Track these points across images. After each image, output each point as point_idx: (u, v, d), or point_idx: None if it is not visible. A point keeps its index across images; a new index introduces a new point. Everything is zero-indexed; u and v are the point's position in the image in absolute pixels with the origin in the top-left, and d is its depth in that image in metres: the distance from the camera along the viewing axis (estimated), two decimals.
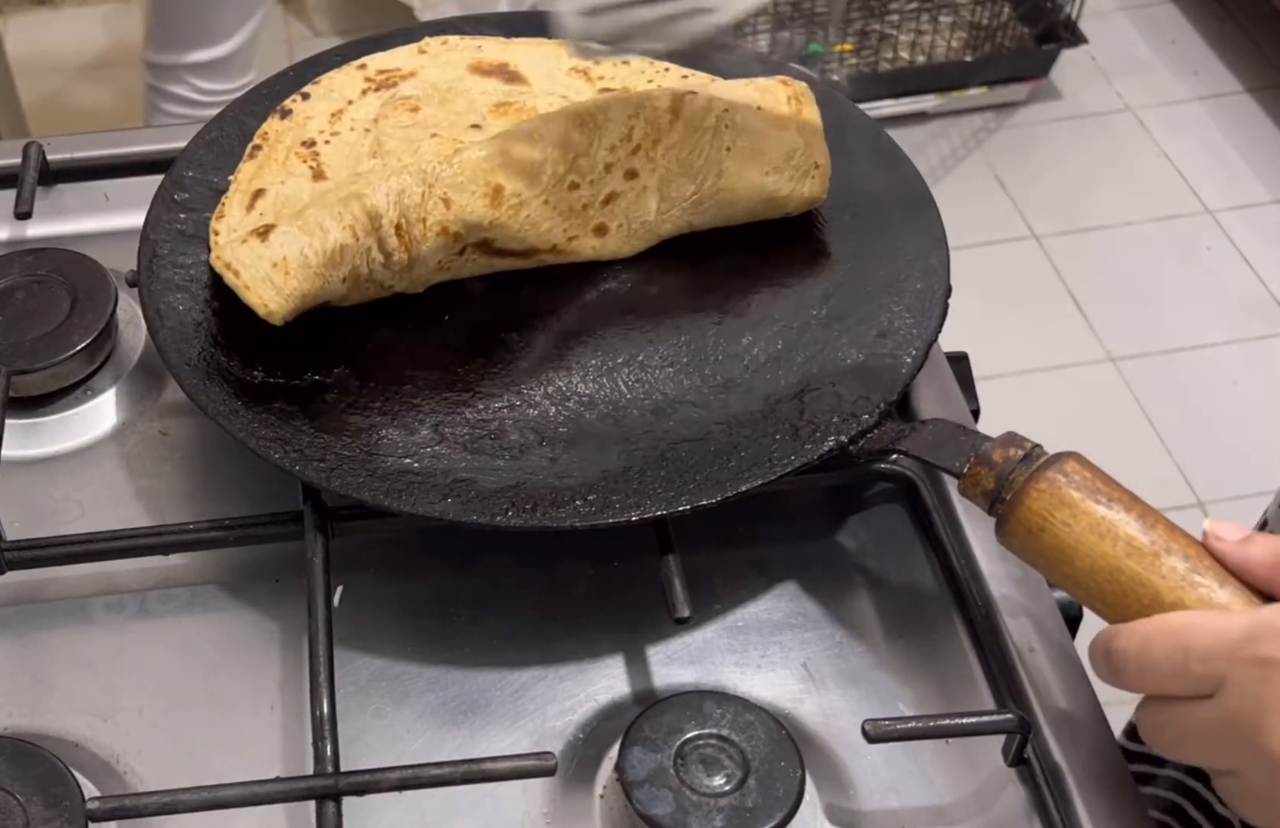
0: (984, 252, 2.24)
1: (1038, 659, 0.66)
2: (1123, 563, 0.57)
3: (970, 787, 0.64)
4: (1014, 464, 0.62)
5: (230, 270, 0.71)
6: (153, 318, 0.73)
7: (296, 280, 0.70)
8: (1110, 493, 0.59)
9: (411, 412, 0.71)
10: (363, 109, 0.82)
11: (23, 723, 0.66)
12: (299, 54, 0.87)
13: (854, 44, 2.43)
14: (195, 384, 0.70)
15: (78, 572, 0.71)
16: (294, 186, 0.77)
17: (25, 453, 0.76)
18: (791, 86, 0.83)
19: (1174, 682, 0.54)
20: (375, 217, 0.72)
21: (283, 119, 0.82)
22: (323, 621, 0.65)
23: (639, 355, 0.74)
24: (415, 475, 0.67)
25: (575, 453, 0.69)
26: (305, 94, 0.84)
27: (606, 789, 0.63)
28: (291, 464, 0.67)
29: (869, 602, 0.71)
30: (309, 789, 0.60)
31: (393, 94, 0.83)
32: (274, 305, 0.70)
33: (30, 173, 0.87)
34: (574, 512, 0.66)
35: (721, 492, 0.67)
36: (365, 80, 0.85)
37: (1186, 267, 2.25)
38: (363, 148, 0.80)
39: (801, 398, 0.71)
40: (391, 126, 0.80)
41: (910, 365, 0.73)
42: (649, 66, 0.87)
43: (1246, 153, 2.41)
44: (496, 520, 0.65)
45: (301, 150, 0.79)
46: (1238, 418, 2.01)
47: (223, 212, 0.76)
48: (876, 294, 0.77)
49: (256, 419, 0.69)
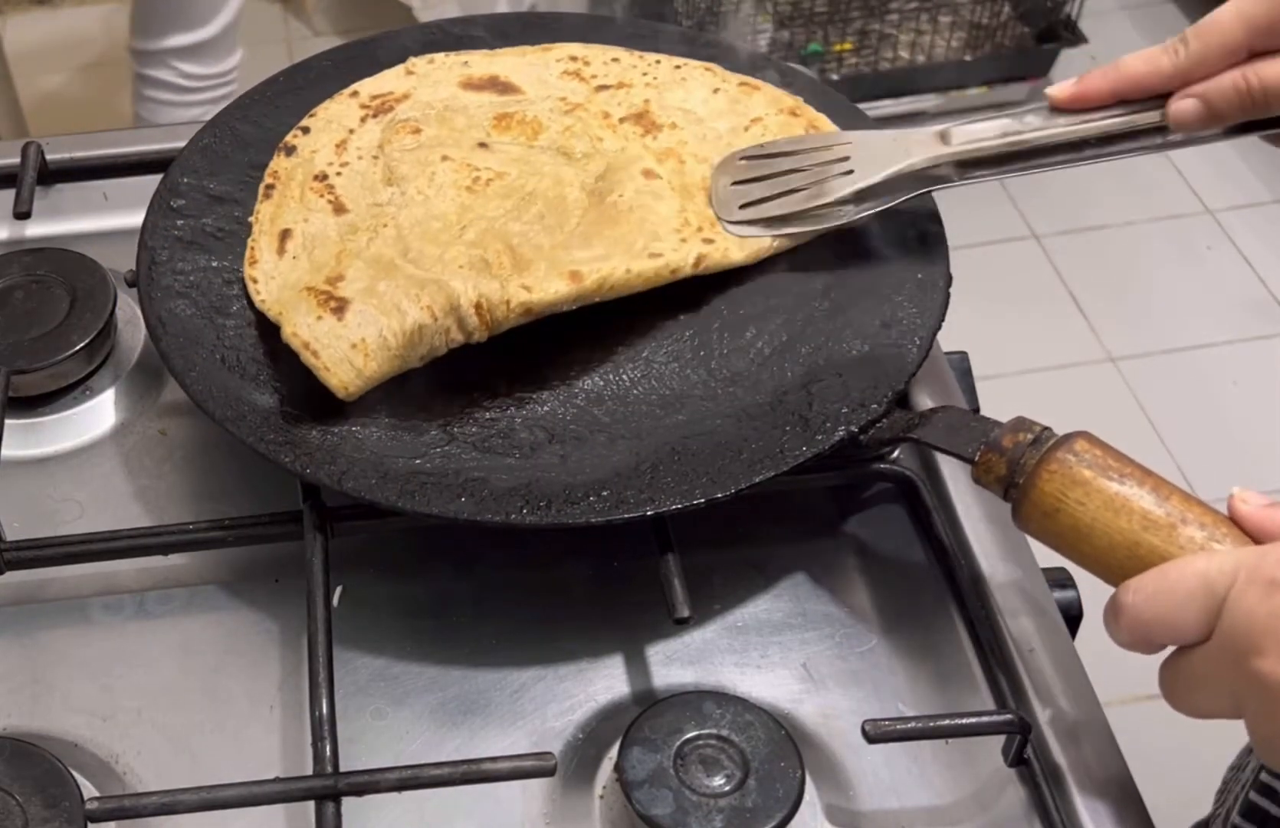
0: (984, 252, 2.24)
1: (1038, 659, 0.66)
2: (1140, 537, 0.57)
3: (970, 787, 0.64)
4: (1024, 448, 0.61)
5: (309, 351, 0.69)
6: (155, 326, 0.73)
7: (376, 362, 0.69)
8: (1122, 468, 0.59)
9: (420, 412, 0.71)
10: (365, 137, 0.83)
11: (22, 723, 0.65)
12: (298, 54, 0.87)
13: (854, 44, 2.43)
14: (202, 391, 0.70)
15: (77, 572, 0.71)
16: (318, 223, 0.77)
17: (24, 453, 0.76)
18: (804, 114, 0.84)
19: (1187, 606, 0.54)
20: (454, 300, 0.71)
21: (288, 156, 0.81)
22: (322, 621, 0.64)
23: (644, 351, 0.74)
24: (427, 476, 0.67)
25: (585, 449, 0.69)
26: (305, 128, 0.83)
27: (606, 790, 0.63)
28: (303, 468, 0.67)
29: (869, 602, 0.71)
30: (308, 790, 0.60)
31: (391, 118, 0.83)
32: (353, 387, 0.69)
33: (29, 173, 0.87)
34: (588, 508, 0.66)
35: (735, 484, 0.67)
36: (361, 108, 0.85)
37: (1186, 267, 2.24)
38: (375, 175, 0.80)
39: (809, 389, 0.71)
40: (398, 151, 0.81)
41: (916, 354, 0.73)
42: (640, 60, 0.87)
43: (1246, 153, 2.41)
44: (511, 519, 0.65)
45: (316, 185, 0.79)
46: (1238, 418, 2.01)
47: (254, 256, 0.76)
48: (877, 285, 0.77)
49: (265, 424, 0.69)
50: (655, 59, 0.87)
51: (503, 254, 0.74)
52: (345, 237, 0.76)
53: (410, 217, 0.77)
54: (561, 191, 0.79)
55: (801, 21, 2.38)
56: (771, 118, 0.84)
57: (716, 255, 0.77)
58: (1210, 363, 2.09)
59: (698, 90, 0.86)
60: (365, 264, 0.74)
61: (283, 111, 0.85)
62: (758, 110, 0.84)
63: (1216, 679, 0.53)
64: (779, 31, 2.37)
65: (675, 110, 0.84)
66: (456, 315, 0.71)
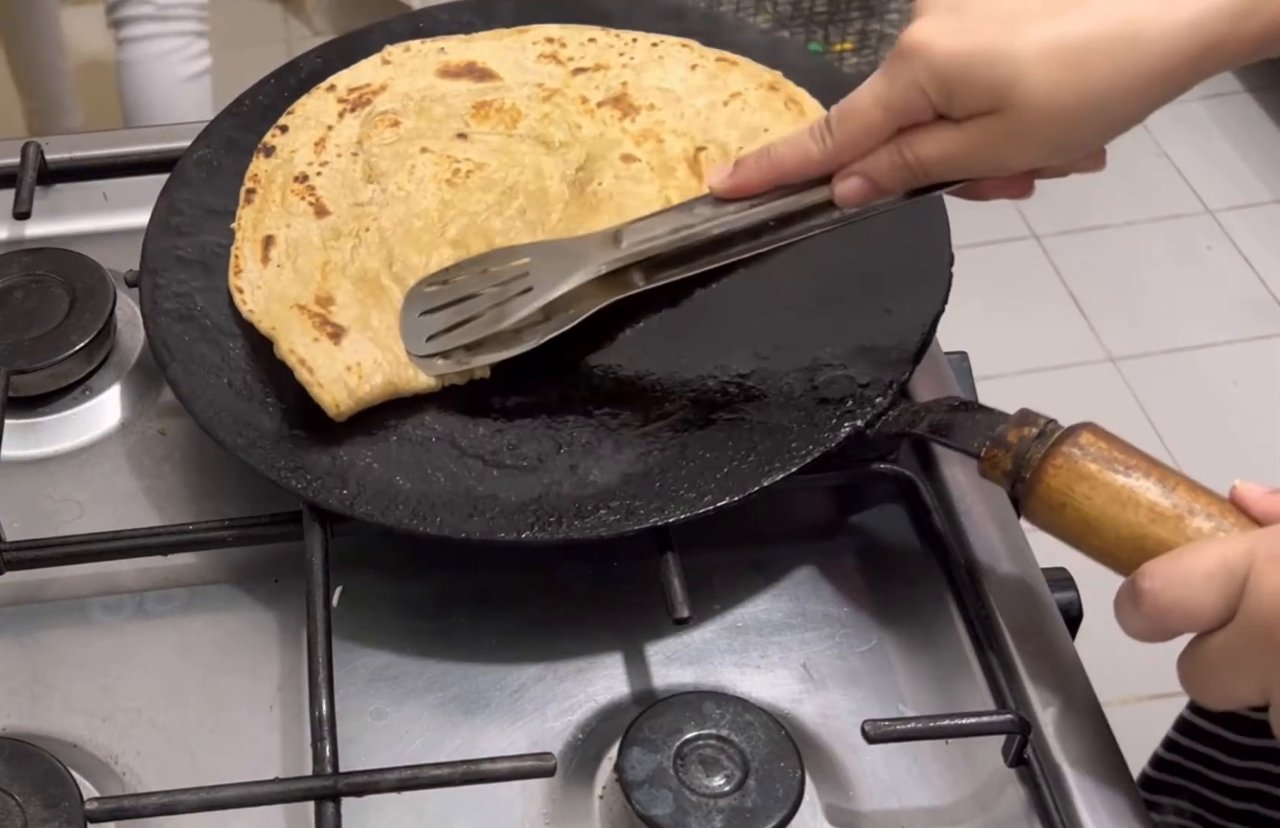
0: (984, 251, 2.24)
1: (1038, 659, 0.66)
2: (1148, 529, 0.57)
3: (970, 787, 0.64)
4: (1029, 443, 0.61)
5: (304, 367, 0.70)
6: (161, 352, 0.73)
7: (369, 385, 0.70)
8: (1128, 460, 0.59)
9: (426, 428, 0.71)
10: (344, 132, 0.82)
11: (21, 724, 0.65)
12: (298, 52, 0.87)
13: (854, 44, 2.43)
14: (210, 418, 0.70)
15: (77, 572, 0.71)
16: (300, 228, 0.77)
17: (24, 453, 0.76)
18: (784, 89, 0.83)
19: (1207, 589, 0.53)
20: None
21: (268, 158, 0.81)
22: (322, 621, 0.64)
23: (646, 353, 0.74)
24: (438, 495, 0.67)
25: (593, 457, 0.69)
26: (283, 127, 0.83)
27: (606, 790, 0.63)
28: (314, 494, 0.67)
29: (869, 602, 0.71)
30: (308, 790, 0.60)
31: (369, 111, 0.83)
32: (344, 407, 0.69)
33: (29, 172, 0.87)
34: (599, 522, 0.66)
35: (744, 488, 0.66)
36: (338, 102, 0.84)
37: (1186, 267, 2.25)
38: (355, 173, 0.80)
39: (813, 383, 0.71)
40: (377, 146, 0.81)
41: (919, 341, 0.72)
42: (616, 39, 0.87)
43: (1247, 153, 2.41)
44: (523, 537, 0.65)
45: (296, 187, 0.79)
46: (1238, 418, 2.01)
47: (239, 265, 0.76)
48: (878, 270, 0.76)
49: (274, 449, 0.69)
50: (632, 37, 0.86)
51: None
52: (329, 243, 0.77)
53: (392, 216, 0.77)
54: (542, 184, 0.79)
55: (801, 21, 2.38)
56: (751, 92, 0.84)
57: None
58: (1210, 363, 2.09)
59: (675, 68, 0.85)
60: (352, 284, 0.74)
61: (276, 114, 0.85)
62: (736, 85, 0.84)
63: (1242, 663, 0.53)
64: (779, 31, 2.37)
65: (653, 91, 0.84)
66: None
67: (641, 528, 0.65)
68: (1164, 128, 2.44)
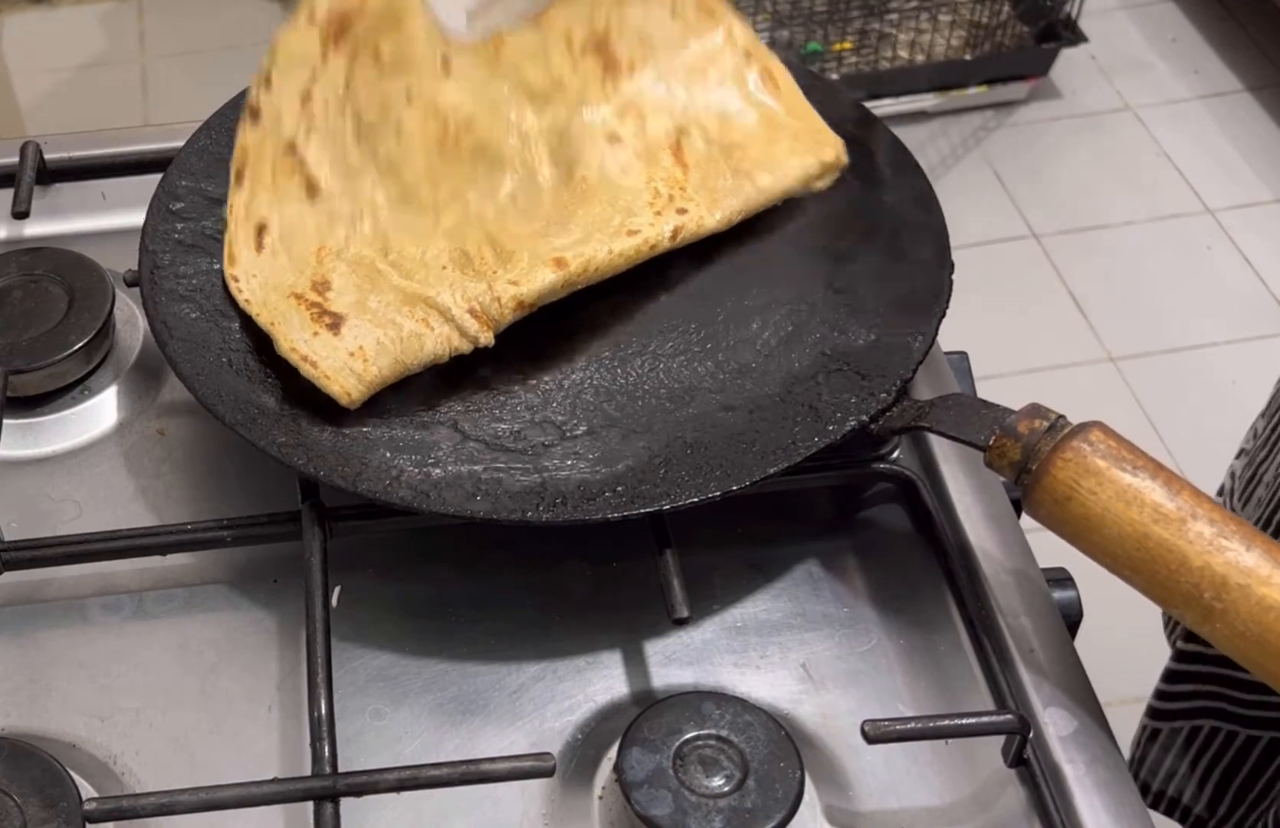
0: (984, 251, 2.24)
1: (1038, 659, 0.66)
2: (1150, 529, 0.57)
3: (970, 787, 0.64)
4: (1039, 435, 0.62)
5: (308, 363, 0.70)
6: (160, 331, 0.73)
7: (376, 367, 0.70)
8: (1135, 460, 0.59)
9: (429, 412, 0.71)
10: (329, 76, 0.79)
11: (20, 724, 0.65)
12: None
13: (853, 43, 2.43)
14: (211, 395, 0.70)
15: (75, 572, 0.71)
16: (293, 211, 0.76)
17: (23, 453, 0.76)
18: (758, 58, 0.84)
19: None
20: (446, 310, 0.72)
21: (255, 123, 0.79)
22: (321, 621, 0.64)
23: (650, 345, 0.74)
24: (441, 476, 0.67)
25: (598, 445, 0.69)
26: (267, 79, 0.79)
27: (605, 790, 0.62)
28: (316, 470, 0.67)
29: (869, 602, 0.71)
30: (307, 790, 0.60)
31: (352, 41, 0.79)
32: (355, 394, 0.69)
33: (27, 172, 0.86)
34: (605, 504, 0.66)
35: (748, 476, 0.67)
36: (321, 38, 0.79)
37: (1186, 267, 2.24)
38: (345, 131, 0.78)
39: (817, 379, 0.72)
40: (363, 87, 0.78)
41: (923, 340, 0.73)
42: None
43: (1247, 152, 2.41)
44: (528, 516, 0.65)
45: (286, 162, 0.77)
46: (1238, 418, 2.01)
47: (233, 254, 0.75)
48: (880, 269, 0.77)
49: (275, 426, 0.69)
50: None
51: (483, 246, 0.75)
52: (322, 228, 0.76)
53: (384, 196, 0.77)
54: (529, 160, 0.79)
55: (801, 20, 2.38)
56: (726, 58, 0.84)
57: (691, 225, 0.78)
58: (1210, 363, 2.09)
59: (657, 9, 0.85)
60: (348, 268, 0.74)
61: None
62: (713, 45, 0.84)
63: None
64: (778, 30, 2.37)
65: (634, 37, 0.83)
66: (454, 323, 0.72)
67: (647, 511, 0.65)
68: (1164, 127, 2.45)
